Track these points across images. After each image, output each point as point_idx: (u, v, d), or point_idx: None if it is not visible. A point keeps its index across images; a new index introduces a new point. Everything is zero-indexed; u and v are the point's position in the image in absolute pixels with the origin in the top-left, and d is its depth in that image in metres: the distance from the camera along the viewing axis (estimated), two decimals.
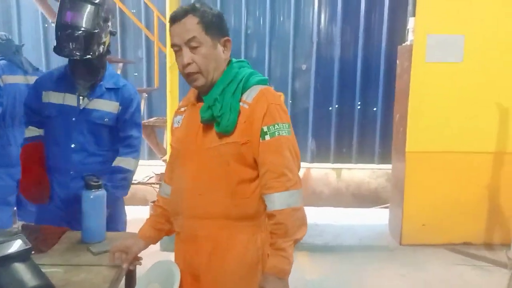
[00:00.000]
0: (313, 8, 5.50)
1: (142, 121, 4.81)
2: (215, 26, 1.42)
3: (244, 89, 1.45)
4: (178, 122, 1.59)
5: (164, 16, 5.17)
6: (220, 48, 1.44)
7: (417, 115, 3.94)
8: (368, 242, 4.17)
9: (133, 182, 4.77)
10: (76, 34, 2.01)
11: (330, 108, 5.61)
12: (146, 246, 1.60)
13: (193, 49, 1.40)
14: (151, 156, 5.59)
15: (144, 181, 4.90)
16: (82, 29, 2.02)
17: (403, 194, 4.04)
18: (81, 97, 2.15)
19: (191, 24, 1.39)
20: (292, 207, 1.37)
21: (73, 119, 2.15)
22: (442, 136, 3.96)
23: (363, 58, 5.50)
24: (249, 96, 1.43)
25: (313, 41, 5.53)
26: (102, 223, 1.94)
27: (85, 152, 2.18)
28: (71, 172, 2.16)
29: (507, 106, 3.90)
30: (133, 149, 2.29)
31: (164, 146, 4.87)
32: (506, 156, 3.97)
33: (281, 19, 5.56)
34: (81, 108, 2.15)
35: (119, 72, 4.95)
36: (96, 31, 2.06)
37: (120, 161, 2.25)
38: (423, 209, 4.04)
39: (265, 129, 1.39)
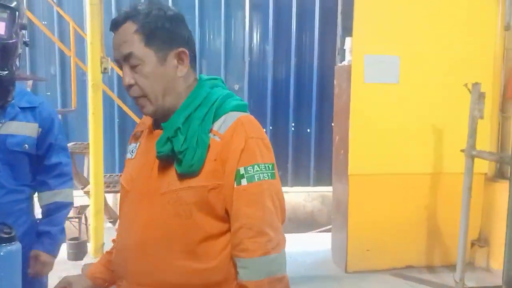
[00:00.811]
0: (244, 26, 5.31)
1: None
2: (162, 35, 1.09)
3: (216, 116, 1.12)
4: (132, 152, 1.26)
5: (82, 28, 4.68)
6: (171, 63, 1.11)
7: (358, 137, 3.85)
8: (313, 272, 3.95)
9: None
10: None
11: (265, 130, 5.40)
12: None
13: (133, 67, 1.09)
14: None
15: None
16: None
17: (346, 218, 3.89)
18: None
19: (128, 34, 1.08)
20: (273, 277, 1.06)
21: None
22: (383, 158, 3.90)
23: (296, 77, 5.40)
24: (223, 125, 1.11)
25: (245, 60, 5.33)
26: None
27: (1, 189, 1.73)
28: None
29: (441, 128, 3.94)
30: (66, 178, 1.90)
31: (85, 175, 4.31)
32: (442, 176, 4.00)
33: (211, 36, 5.29)
34: None
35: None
36: (14, 41, 1.65)
37: (55, 195, 1.85)
38: (367, 233, 3.92)
39: (241, 171, 1.07)
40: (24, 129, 1.77)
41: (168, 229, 1.10)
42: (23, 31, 1.76)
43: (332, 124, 5.44)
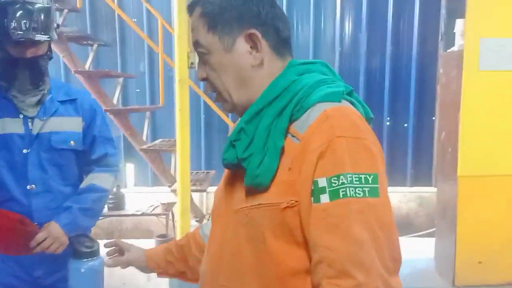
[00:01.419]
0: (335, 13, 4.96)
1: (147, 145, 4.26)
2: (228, 15, 0.88)
3: (299, 111, 0.84)
4: None
5: (170, 24, 4.63)
6: (242, 49, 0.89)
7: (470, 133, 3.36)
8: (413, 284, 3.53)
9: (136, 212, 4.25)
10: (30, 8, 1.46)
11: None
12: (144, 269, 1.23)
13: (202, 57, 0.92)
14: (156, 182, 4.99)
15: (148, 211, 4.29)
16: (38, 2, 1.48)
17: (454, 225, 3.44)
18: (29, 120, 1.57)
19: (195, 20, 0.91)
20: None
21: (25, 151, 1.56)
22: (498, 157, 3.39)
23: (392, 68, 4.95)
24: (305, 123, 0.82)
25: (335, 50, 4.98)
26: None
27: (49, 193, 1.59)
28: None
29: None
30: (111, 168, 1.76)
31: (172, 172, 4.26)
32: None
33: (299, 25, 5.01)
34: (35, 134, 1.56)
35: (119, 88, 4.39)
36: (51, 6, 1.53)
37: (94, 178, 1.69)
38: (479, 242, 3.44)
39: (321, 183, 0.76)
40: (68, 124, 1.63)
41: (241, 257, 0.87)
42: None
43: (433, 118, 4.96)
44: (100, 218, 4.33)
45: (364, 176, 0.76)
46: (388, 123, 5.01)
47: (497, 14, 3.30)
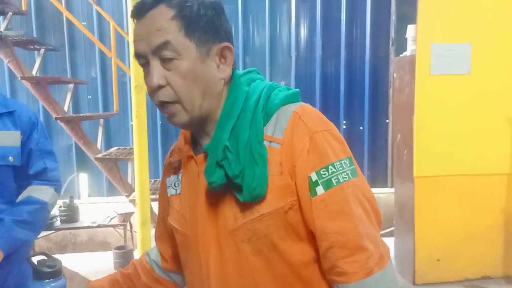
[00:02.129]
0: (290, 19, 5.00)
1: (102, 154, 4.09)
2: (204, 24, 0.85)
3: (266, 118, 0.88)
4: (175, 186, 1.01)
5: (123, 28, 4.50)
6: (213, 60, 0.87)
7: (424, 135, 3.48)
8: None
9: (91, 224, 4.07)
10: None
11: None
12: None
13: (166, 62, 0.84)
14: (112, 192, 4.81)
15: (104, 222, 4.12)
16: None
17: (413, 225, 3.53)
18: None
19: (163, 20, 0.83)
20: None
21: None
22: (452, 157, 3.52)
23: (346, 72, 5.05)
24: (277, 126, 0.87)
25: (291, 55, 5.01)
26: None
27: None
28: None
29: None
30: (55, 183, 1.66)
31: (129, 181, 4.12)
32: None
33: (256, 31, 5.01)
34: None
35: (70, 94, 4.19)
36: None
37: (31, 191, 1.58)
38: (437, 241, 3.56)
39: (313, 177, 0.83)
40: (5, 138, 1.52)
41: (251, 271, 0.88)
42: None
43: (387, 121, 5.11)
44: (52, 231, 4.17)
45: (343, 161, 0.85)
46: (344, 126, 5.10)
47: (446, 20, 3.43)
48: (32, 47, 4.32)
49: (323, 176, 0.83)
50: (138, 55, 0.86)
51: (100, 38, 4.70)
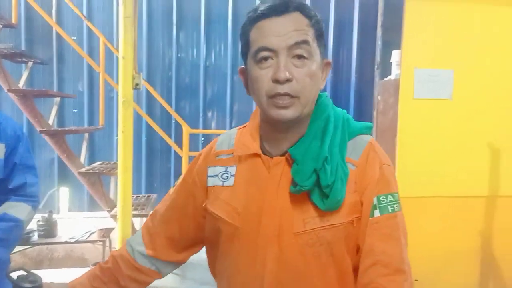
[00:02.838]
0: None
1: (85, 168, 4.05)
2: (323, 40, 0.99)
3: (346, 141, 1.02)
4: (223, 178, 1.06)
5: (112, 43, 4.52)
6: (321, 70, 0.99)
7: (407, 157, 3.53)
8: None
9: (69, 239, 4.00)
10: None
11: None
12: None
13: (298, 59, 0.93)
14: (93, 207, 4.75)
15: (83, 237, 4.05)
16: None
17: None
18: None
19: (303, 25, 0.94)
20: None
21: None
22: (433, 179, 3.57)
23: (333, 93, 5.15)
24: (354, 151, 1.01)
25: None
26: None
27: None
28: None
29: (499, 147, 3.60)
30: (29, 198, 1.63)
31: (111, 196, 4.08)
32: (499, 199, 3.65)
33: None
34: None
35: (55, 108, 4.17)
36: None
37: (8, 207, 1.56)
38: (416, 261, 3.50)
39: (375, 201, 0.97)
40: None
41: (305, 271, 0.97)
42: None
43: None
44: (28, 246, 4.08)
45: (396, 194, 1.01)
46: None
47: (430, 46, 3.53)
48: (20, 60, 4.31)
49: (381, 202, 0.96)
50: (266, 49, 0.93)
51: (89, 53, 4.72)
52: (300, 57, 0.93)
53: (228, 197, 1.04)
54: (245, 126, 1.12)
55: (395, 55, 3.81)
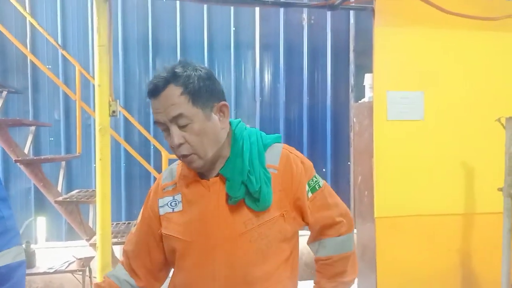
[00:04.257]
0: (255, 66, 5.17)
1: (62, 197, 3.99)
2: (205, 93, 1.17)
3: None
4: (172, 205, 1.28)
5: (88, 71, 4.53)
6: (215, 117, 1.21)
7: (384, 177, 3.61)
8: None
9: (48, 270, 3.89)
10: None
11: None
12: None
13: (183, 127, 1.16)
14: (71, 236, 4.65)
15: (62, 268, 3.95)
16: None
17: (374, 265, 3.59)
18: None
19: (175, 97, 1.14)
20: (345, 253, 1.36)
21: None
22: (409, 198, 3.65)
23: (309, 116, 5.22)
24: (273, 158, 1.27)
25: (256, 99, 5.16)
26: None
27: None
28: None
29: (472, 165, 3.72)
30: (11, 234, 1.47)
31: (90, 225, 4.02)
32: (475, 216, 3.74)
33: (221, 76, 5.14)
34: None
35: (31, 137, 4.12)
36: None
37: (3, 257, 1.43)
38: (398, 280, 3.61)
39: (307, 187, 1.28)
40: None
41: (250, 266, 1.20)
42: None
43: (349, 163, 5.26)
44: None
45: (316, 174, 1.34)
46: None
47: (400, 70, 3.66)
48: None
49: (310, 184, 1.28)
50: (159, 123, 1.17)
51: (65, 81, 4.69)
52: (182, 126, 1.14)
53: (179, 219, 1.25)
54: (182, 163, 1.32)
55: (367, 78, 3.92)
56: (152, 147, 4.85)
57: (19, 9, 4.18)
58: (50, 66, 4.76)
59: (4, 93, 4.21)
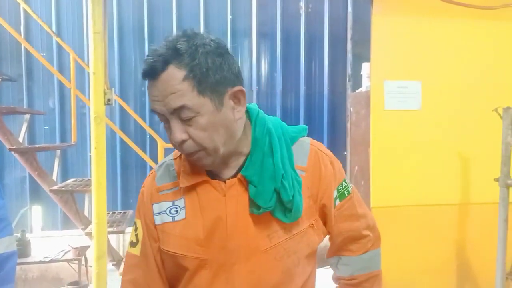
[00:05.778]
0: (251, 55, 5.14)
1: (57, 186, 3.97)
2: (215, 75, 0.87)
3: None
4: (172, 213, 0.99)
5: (83, 59, 4.48)
6: (228, 105, 0.91)
7: (380, 167, 3.60)
8: None
9: (44, 259, 3.89)
10: None
11: None
12: None
13: (186, 120, 0.88)
14: (67, 225, 4.64)
15: (58, 257, 3.95)
16: None
17: None
18: None
19: (176, 84, 0.85)
20: (372, 272, 1.16)
21: None
22: (406, 188, 3.64)
23: (306, 106, 5.20)
24: (300, 156, 1.02)
25: (252, 89, 5.13)
26: None
27: None
28: None
29: (469, 155, 3.71)
30: (3, 224, 1.49)
31: (86, 213, 4.00)
32: (470, 206, 3.75)
33: None
34: None
35: (25, 125, 4.08)
36: None
37: None
38: (394, 271, 3.61)
39: (335, 194, 1.05)
40: None
41: (276, 285, 0.99)
42: None
43: (345, 153, 5.26)
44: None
45: (345, 178, 1.10)
46: None
47: (398, 59, 3.63)
48: None
49: (339, 191, 1.05)
50: (156, 113, 0.90)
51: (59, 69, 4.65)
52: (186, 119, 0.88)
53: (182, 231, 0.98)
54: (180, 155, 1.05)
55: (365, 67, 3.90)
56: (148, 136, 4.82)
57: None
58: (44, 54, 4.70)
59: None
